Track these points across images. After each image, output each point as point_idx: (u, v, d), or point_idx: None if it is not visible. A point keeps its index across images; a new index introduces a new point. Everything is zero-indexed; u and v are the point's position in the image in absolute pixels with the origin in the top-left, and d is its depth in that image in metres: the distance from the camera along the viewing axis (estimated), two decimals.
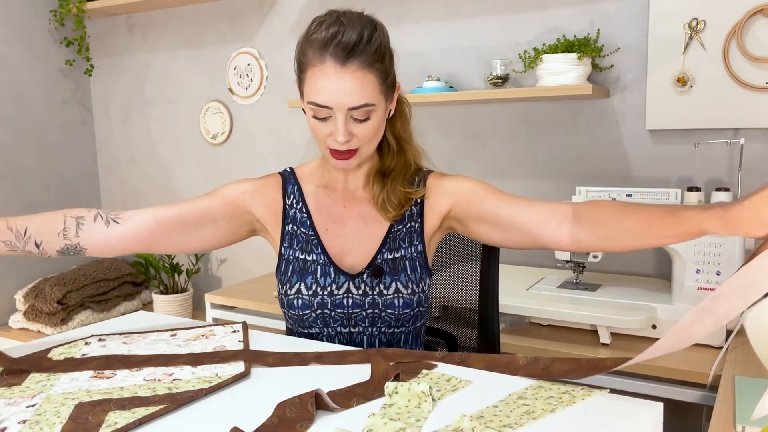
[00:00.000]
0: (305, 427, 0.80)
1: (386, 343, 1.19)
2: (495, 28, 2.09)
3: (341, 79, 1.03)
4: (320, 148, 1.13)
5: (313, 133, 1.11)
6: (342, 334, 1.18)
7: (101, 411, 0.85)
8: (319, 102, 1.05)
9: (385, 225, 1.19)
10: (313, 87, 1.05)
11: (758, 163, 1.76)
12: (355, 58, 1.03)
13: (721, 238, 1.49)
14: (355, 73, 1.03)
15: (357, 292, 1.15)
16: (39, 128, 2.83)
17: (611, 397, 0.87)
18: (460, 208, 1.16)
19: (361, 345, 1.19)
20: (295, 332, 1.23)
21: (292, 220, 1.21)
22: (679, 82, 1.80)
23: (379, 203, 1.17)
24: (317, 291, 1.16)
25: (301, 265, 1.18)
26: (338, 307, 1.16)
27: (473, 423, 0.77)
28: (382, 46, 1.08)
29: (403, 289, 1.15)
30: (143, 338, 1.19)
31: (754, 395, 1.09)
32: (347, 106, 1.04)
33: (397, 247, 1.18)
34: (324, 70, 1.04)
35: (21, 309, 2.59)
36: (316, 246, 1.18)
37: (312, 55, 1.05)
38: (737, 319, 1.48)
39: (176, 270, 2.66)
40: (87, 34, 2.92)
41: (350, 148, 1.08)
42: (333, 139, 1.07)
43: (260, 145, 2.64)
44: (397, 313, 1.15)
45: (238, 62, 2.62)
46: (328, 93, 1.03)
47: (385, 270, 1.16)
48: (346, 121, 1.05)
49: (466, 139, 2.19)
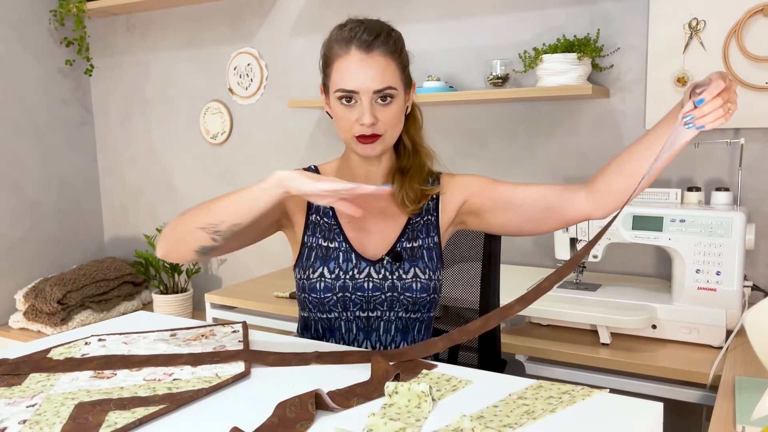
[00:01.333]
0: (305, 427, 0.80)
1: (401, 330, 1.24)
2: (495, 28, 2.09)
3: (366, 65, 1.14)
4: (345, 138, 1.20)
5: (340, 122, 1.18)
6: (360, 318, 1.23)
7: (101, 411, 0.85)
8: (346, 87, 1.14)
9: (403, 218, 1.26)
10: (340, 75, 1.15)
11: (758, 163, 1.76)
12: (377, 48, 1.15)
13: (721, 238, 1.49)
14: (378, 59, 1.15)
15: (377, 276, 1.21)
16: (39, 128, 2.83)
17: (611, 397, 0.87)
18: (476, 198, 1.25)
19: (378, 331, 1.23)
20: (311, 319, 1.26)
21: (315, 211, 1.27)
22: (679, 82, 1.80)
23: (399, 199, 1.24)
24: (339, 275, 1.21)
25: (324, 252, 1.24)
26: (359, 291, 1.21)
27: (473, 423, 0.77)
28: (400, 42, 1.21)
29: (421, 274, 1.22)
30: (143, 338, 1.19)
31: (754, 395, 1.09)
32: (372, 89, 1.14)
33: (415, 237, 1.25)
34: (349, 59, 1.15)
35: (21, 309, 2.59)
36: (338, 234, 1.24)
37: (338, 48, 1.16)
38: (737, 319, 1.49)
39: (176, 270, 2.66)
40: (87, 34, 2.92)
41: (375, 132, 1.16)
42: (359, 123, 1.15)
43: (260, 145, 2.64)
44: (414, 297, 1.21)
45: (238, 62, 2.62)
46: (355, 78, 1.14)
47: (404, 257, 1.22)
48: (371, 105, 1.14)
49: (466, 139, 2.19)
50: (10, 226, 2.72)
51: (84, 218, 3.04)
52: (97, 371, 1.02)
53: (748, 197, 1.77)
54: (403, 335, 1.24)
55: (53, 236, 2.89)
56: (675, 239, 1.54)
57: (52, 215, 2.89)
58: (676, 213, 1.54)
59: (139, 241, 3.00)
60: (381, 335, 1.23)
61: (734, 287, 1.48)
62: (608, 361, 1.49)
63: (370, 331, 1.23)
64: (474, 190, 1.25)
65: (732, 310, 1.49)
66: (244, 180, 2.69)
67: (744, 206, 1.66)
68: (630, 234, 1.58)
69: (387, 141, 1.19)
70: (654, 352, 1.51)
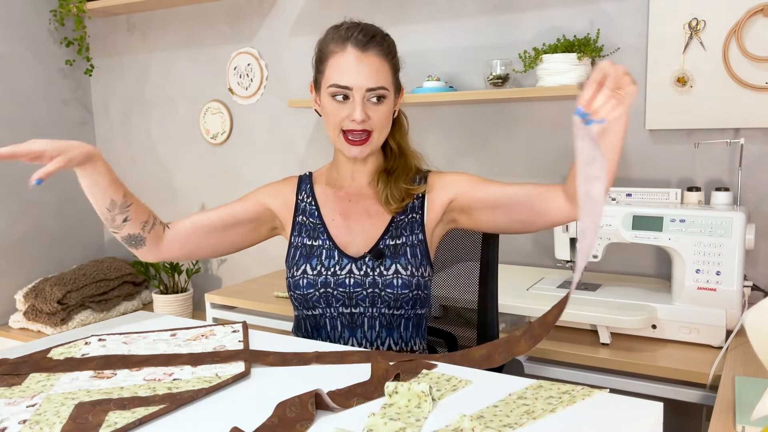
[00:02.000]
0: (305, 427, 0.80)
1: (386, 326, 1.24)
2: (495, 28, 2.09)
3: (361, 63, 1.17)
4: (334, 136, 1.22)
5: (330, 118, 1.21)
6: (344, 314, 1.24)
7: (101, 411, 0.85)
8: (341, 83, 1.17)
9: (387, 217, 1.28)
10: (335, 70, 1.18)
11: (758, 163, 1.76)
12: (372, 48, 1.18)
13: (721, 238, 1.49)
14: (373, 59, 1.18)
15: (358, 273, 1.22)
16: (39, 128, 2.82)
17: (611, 397, 0.87)
18: (464, 197, 1.25)
19: (362, 327, 1.24)
20: (301, 318, 1.29)
21: (302, 212, 1.31)
22: (679, 82, 1.80)
23: (383, 198, 1.26)
24: (321, 271, 1.23)
25: (308, 250, 1.27)
26: (340, 286, 1.22)
27: (473, 423, 0.77)
28: (394, 47, 1.24)
29: (402, 270, 1.22)
30: (143, 338, 1.19)
31: (754, 395, 1.09)
32: (366, 87, 1.16)
33: (399, 235, 1.26)
34: (345, 56, 1.17)
35: (21, 309, 2.59)
36: (322, 233, 1.28)
37: (334, 45, 1.19)
38: (737, 319, 1.49)
39: (176, 270, 2.66)
40: (87, 34, 2.92)
41: (365, 129, 1.18)
42: (350, 120, 1.18)
43: (260, 145, 2.64)
44: (396, 293, 1.21)
45: (238, 62, 2.62)
46: (350, 75, 1.16)
47: (385, 254, 1.23)
48: (363, 103, 1.17)
49: (466, 139, 2.19)
50: (10, 226, 2.72)
51: (84, 218, 3.04)
52: (97, 371, 1.02)
53: (748, 197, 1.77)
54: (388, 331, 1.25)
55: (53, 236, 2.89)
56: (675, 239, 1.54)
57: (52, 215, 2.89)
58: (676, 213, 1.54)
59: None
60: (366, 331, 1.24)
61: (734, 287, 1.48)
62: (608, 361, 1.49)
63: (354, 328, 1.24)
64: (461, 189, 1.26)
65: (732, 310, 1.49)
66: (244, 180, 2.69)
67: (744, 206, 1.66)
68: (630, 234, 1.59)
69: (374, 143, 1.22)
70: (654, 352, 1.51)
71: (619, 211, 1.59)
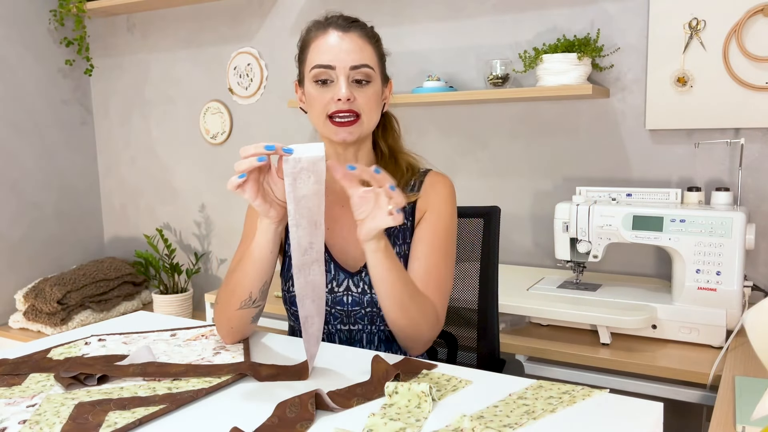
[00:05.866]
0: (305, 427, 0.80)
1: (384, 341, 1.21)
2: (495, 28, 2.09)
3: (343, 42, 1.12)
4: (320, 124, 1.15)
5: (314, 105, 1.14)
6: (342, 331, 1.20)
7: (101, 411, 0.85)
8: (322, 63, 1.12)
9: None
10: (317, 51, 1.13)
11: (758, 163, 1.76)
12: (354, 29, 1.14)
13: (722, 238, 1.49)
14: (355, 39, 1.13)
15: (356, 290, 1.17)
16: (39, 128, 2.82)
17: (611, 397, 0.87)
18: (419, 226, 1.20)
19: (361, 343, 1.20)
20: (297, 329, 1.25)
21: None
22: (679, 81, 1.80)
23: None
24: None
25: None
26: (338, 305, 1.18)
27: (473, 423, 0.77)
28: (378, 36, 1.19)
29: None
30: (143, 338, 1.19)
31: (754, 395, 1.09)
32: (349, 65, 1.11)
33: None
34: (326, 37, 1.13)
35: (21, 309, 2.59)
36: None
37: (315, 30, 1.15)
38: (737, 319, 1.49)
39: (176, 270, 2.66)
40: (87, 34, 2.92)
41: (353, 109, 1.12)
42: (334, 101, 1.11)
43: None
44: None
45: (238, 62, 2.62)
46: (331, 53, 1.11)
47: None
48: (348, 82, 1.12)
49: (466, 139, 2.19)
50: (10, 226, 2.72)
51: (84, 218, 3.04)
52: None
53: (748, 197, 1.77)
54: (387, 345, 1.21)
55: (53, 236, 2.89)
56: (675, 239, 1.54)
57: (52, 215, 2.89)
58: (676, 213, 1.54)
59: (139, 241, 3.00)
60: (364, 346, 1.20)
61: (734, 287, 1.48)
62: (608, 361, 1.49)
63: (353, 343, 1.20)
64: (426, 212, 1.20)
65: (732, 310, 1.48)
66: None
67: (744, 206, 1.66)
68: (630, 234, 1.58)
69: (364, 126, 1.14)
70: (654, 352, 1.51)
71: (619, 211, 1.59)
